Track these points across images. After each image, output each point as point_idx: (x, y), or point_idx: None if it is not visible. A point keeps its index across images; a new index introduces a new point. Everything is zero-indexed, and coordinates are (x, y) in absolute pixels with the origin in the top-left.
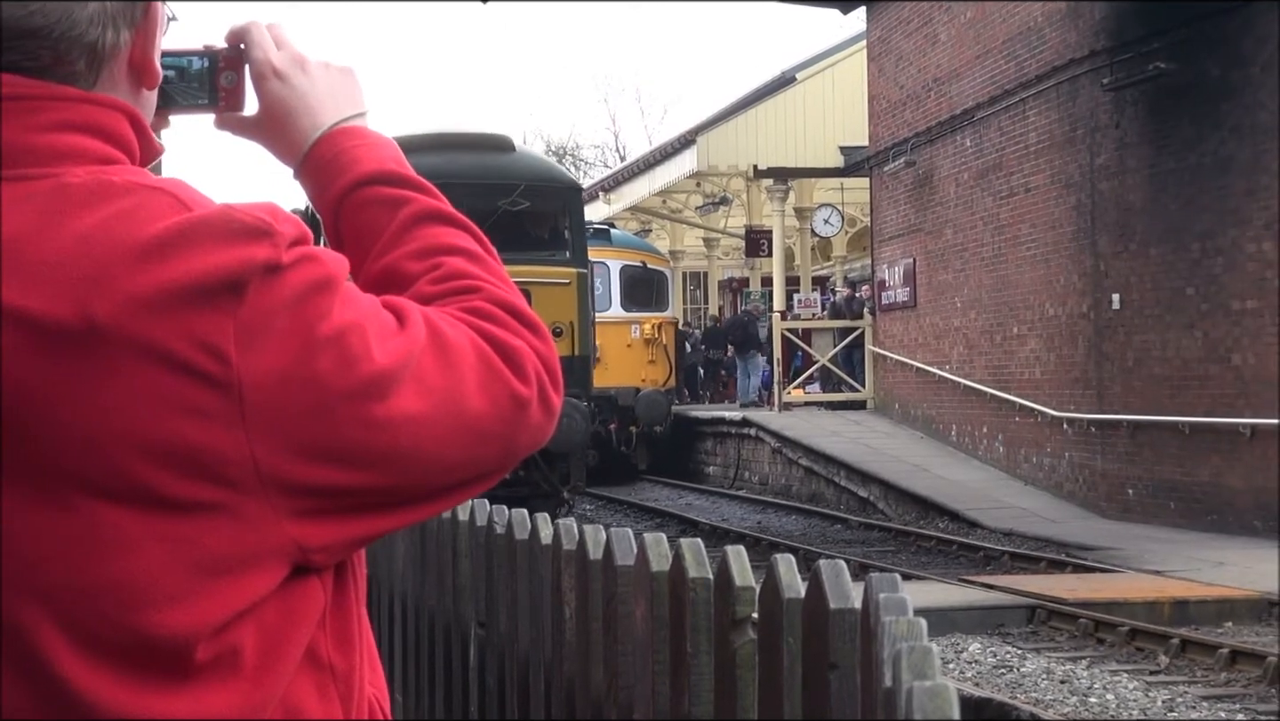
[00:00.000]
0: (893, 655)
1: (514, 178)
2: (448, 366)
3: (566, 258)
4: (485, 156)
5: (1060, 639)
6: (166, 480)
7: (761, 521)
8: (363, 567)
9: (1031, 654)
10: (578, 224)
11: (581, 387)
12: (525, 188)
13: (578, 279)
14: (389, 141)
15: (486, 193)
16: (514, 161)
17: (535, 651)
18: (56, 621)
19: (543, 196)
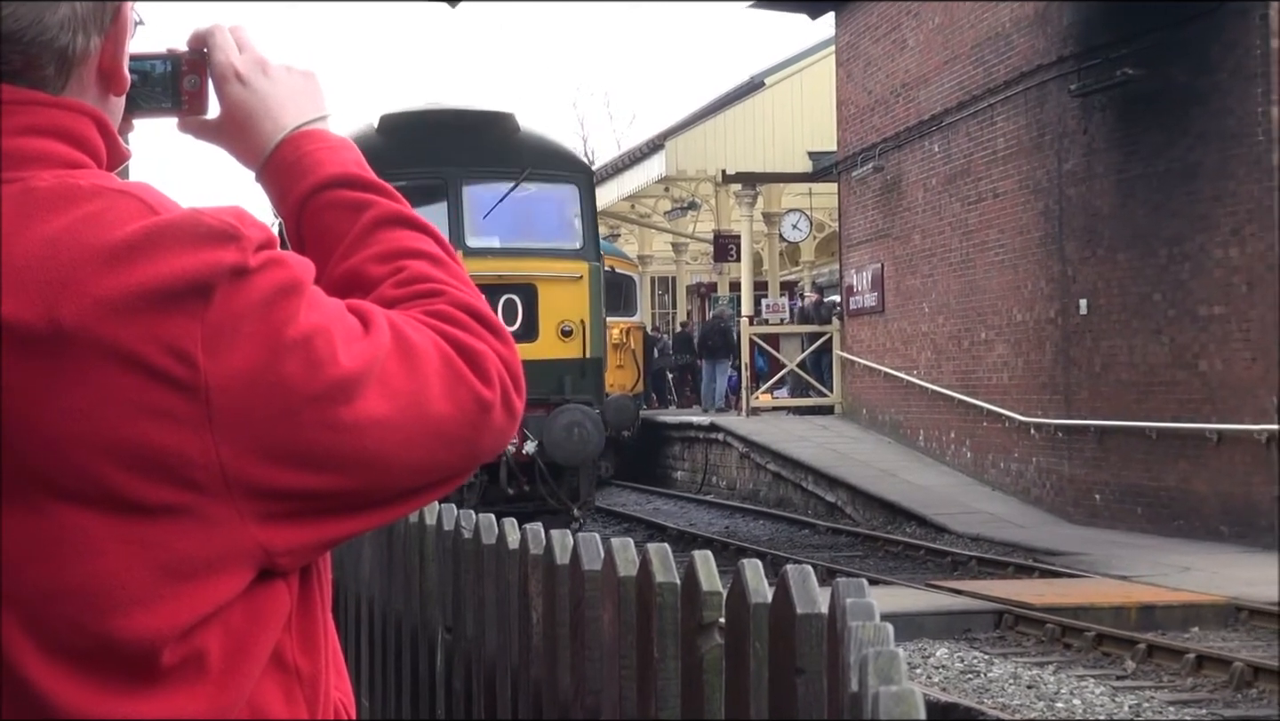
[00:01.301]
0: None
1: (518, 160)
2: (412, 370)
3: (577, 250)
4: (486, 136)
5: (1027, 644)
6: (133, 483)
7: (729, 526)
8: (328, 571)
9: (999, 659)
10: (589, 212)
11: (594, 394)
12: (530, 171)
13: (590, 273)
14: (350, 144)
15: (487, 177)
16: (518, 142)
17: (502, 656)
18: (22, 624)
19: (550, 181)
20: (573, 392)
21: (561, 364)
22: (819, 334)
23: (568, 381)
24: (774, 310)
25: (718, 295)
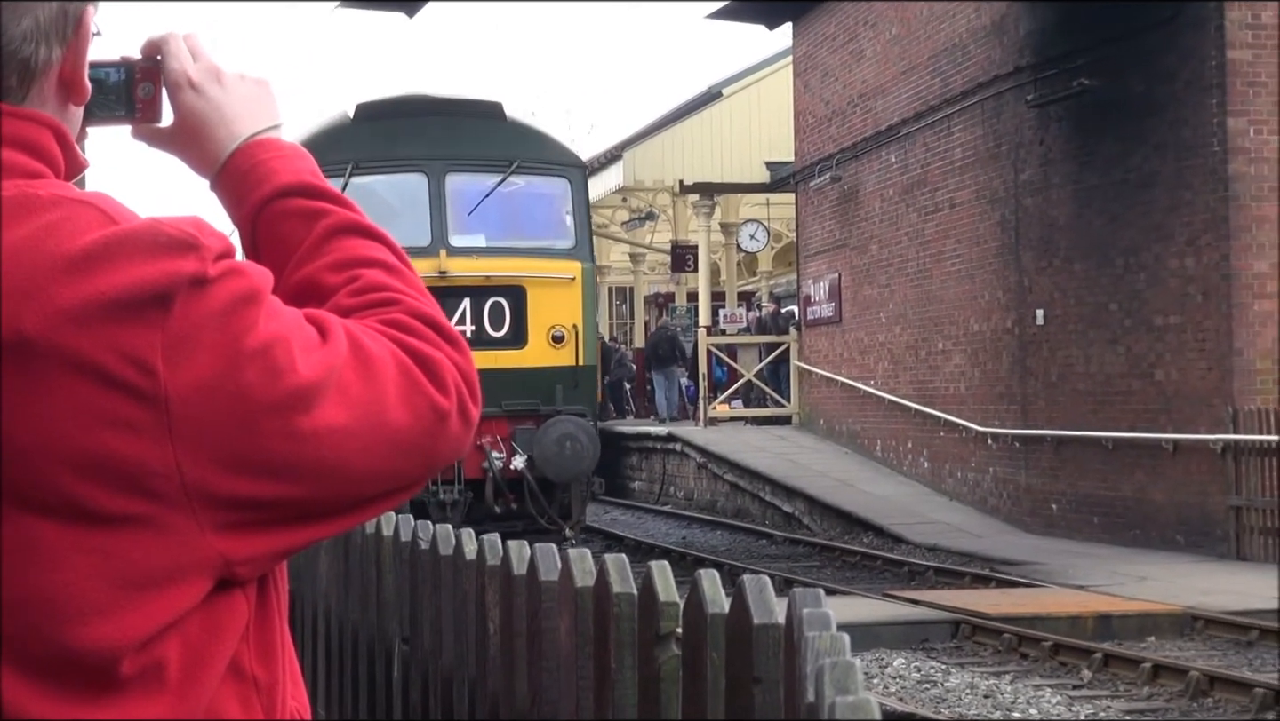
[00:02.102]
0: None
1: (505, 151)
2: (369, 379)
3: (569, 249)
4: (471, 126)
5: (984, 653)
6: (93, 493)
7: (686, 536)
8: (284, 581)
9: (955, 668)
10: (582, 208)
11: (587, 405)
12: (519, 163)
13: (584, 274)
14: (305, 153)
15: (473, 169)
16: (506, 132)
17: (459, 666)
18: None
19: (540, 174)
20: (565, 403)
21: (552, 372)
22: (776, 344)
23: (559, 391)
24: (731, 320)
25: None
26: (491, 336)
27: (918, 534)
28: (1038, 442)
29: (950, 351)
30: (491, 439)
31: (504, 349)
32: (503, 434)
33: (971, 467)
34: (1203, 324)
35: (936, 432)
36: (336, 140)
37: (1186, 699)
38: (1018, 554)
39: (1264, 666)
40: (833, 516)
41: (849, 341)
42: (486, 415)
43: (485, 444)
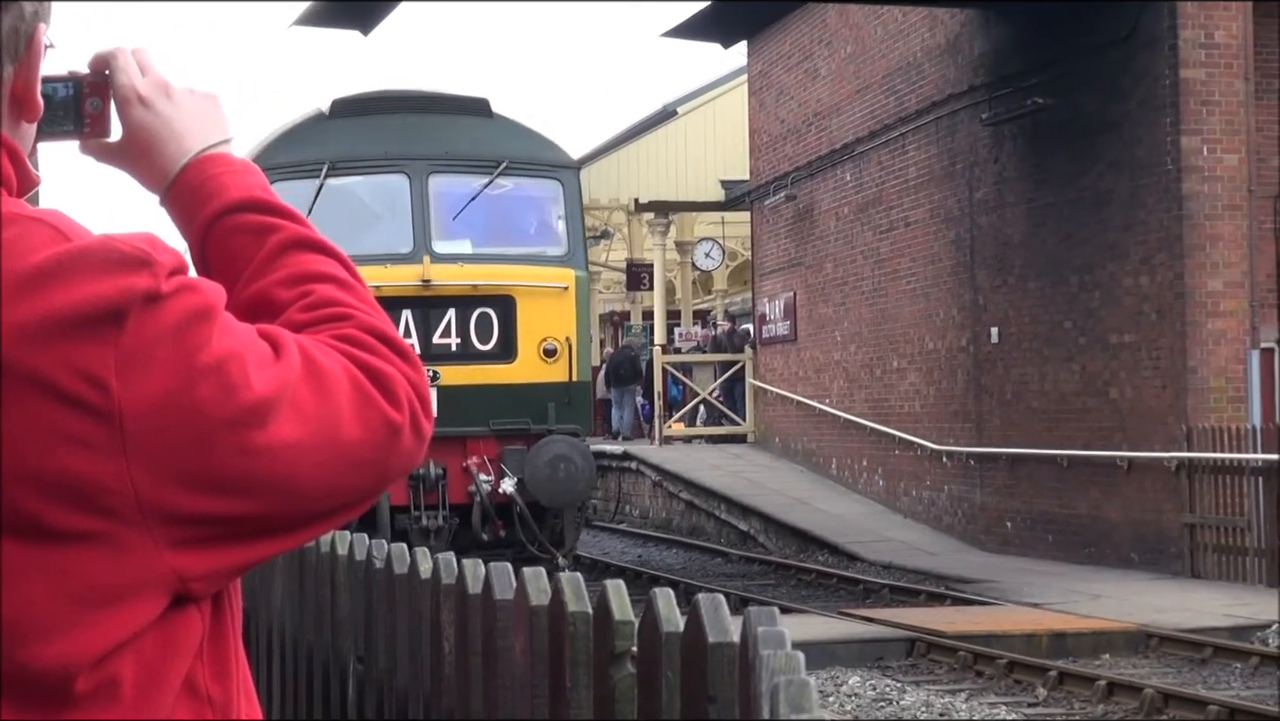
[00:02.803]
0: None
1: (493, 151)
2: (323, 394)
3: (561, 256)
4: (455, 124)
5: (939, 671)
6: (48, 510)
7: (642, 555)
8: (238, 597)
9: (911, 686)
10: (574, 213)
11: (581, 424)
12: (508, 164)
13: (577, 284)
14: (255, 168)
15: (458, 170)
16: (492, 131)
17: (414, 686)
18: None
19: (531, 176)
20: (557, 422)
21: (544, 388)
22: (732, 362)
23: (552, 409)
24: (687, 339)
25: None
26: (478, 350)
27: (873, 552)
28: (992, 461)
29: (905, 370)
30: (479, 460)
31: (492, 363)
32: (491, 455)
33: (926, 486)
34: (1157, 342)
35: (891, 451)
36: (310, 138)
37: (1141, 716)
38: (973, 572)
39: (1218, 684)
40: (788, 535)
41: (804, 360)
42: (474, 435)
43: (472, 466)
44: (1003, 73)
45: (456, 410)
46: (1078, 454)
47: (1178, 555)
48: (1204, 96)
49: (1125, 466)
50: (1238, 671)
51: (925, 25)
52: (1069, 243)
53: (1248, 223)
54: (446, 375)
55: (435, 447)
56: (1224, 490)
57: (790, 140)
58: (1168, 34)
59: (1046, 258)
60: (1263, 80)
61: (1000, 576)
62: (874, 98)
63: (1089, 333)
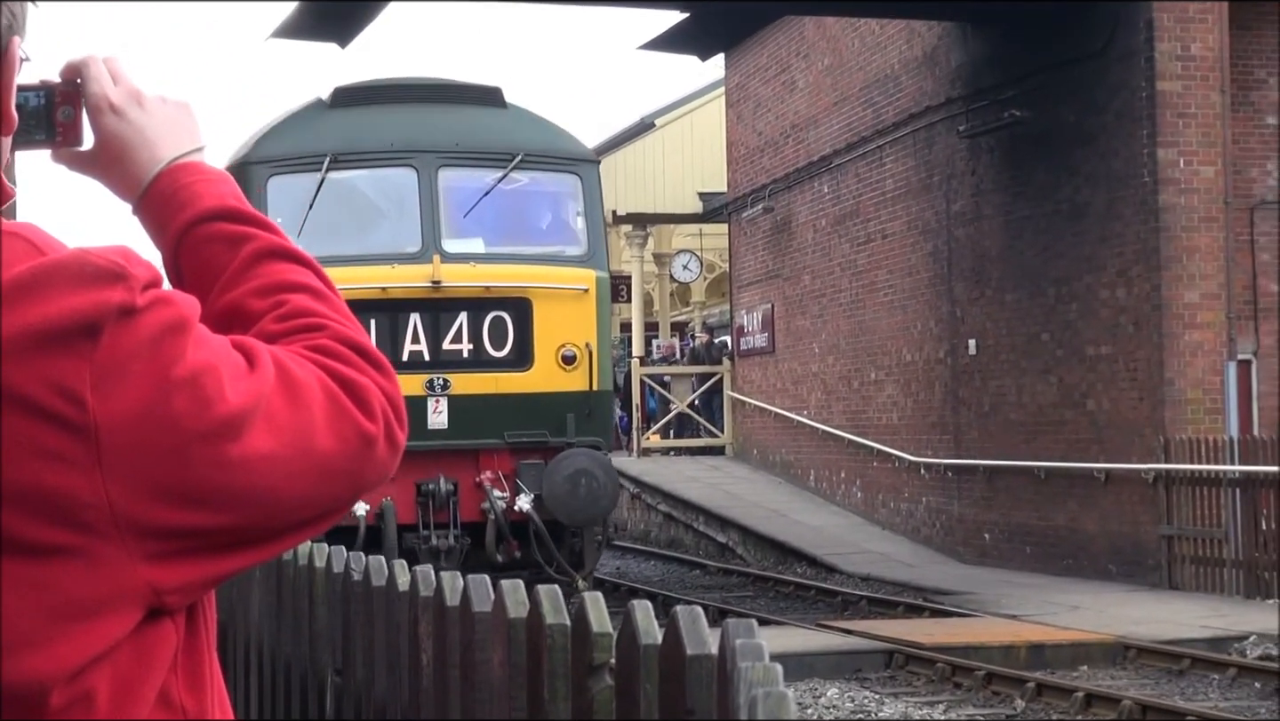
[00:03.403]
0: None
1: (507, 143)
2: (297, 405)
3: (580, 256)
4: (466, 114)
5: (918, 683)
6: (23, 524)
7: (620, 567)
8: (213, 609)
9: (889, 698)
10: (594, 209)
11: (602, 436)
12: (523, 158)
13: (597, 285)
14: (228, 177)
15: (469, 163)
16: (506, 122)
17: (392, 698)
18: None
19: (547, 169)
20: (577, 434)
21: (563, 398)
22: (710, 374)
23: (571, 420)
24: (665, 351)
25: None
26: (492, 356)
27: (851, 564)
28: (970, 472)
29: (883, 381)
30: (493, 475)
31: (506, 371)
32: (506, 470)
33: (904, 497)
34: (1134, 354)
35: (869, 462)
36: (310, 129)
37: None
38: (951, 583)
39: (1196, 695)
40: (766, 546)
41: (782, 372)
42: (487, 448)
43: (485, 481)
44: (980, 85)
45: (468, 421)
46: (1055, 465)
47: (1155, 566)
48: (1180, 109)
49: (1103, 478)
50: (1215, 682)
51: (903, 38)
52: (1046, 255)
53: (1224, 235)
54: (458, 384)
55: (446, 462)
56: (1201, 502)
57: (768, 152)
58: (1144, 46)
59: (1024, 270)
60: (1239, 92)
61: (978, 588)
62: (851, 110)
63: (1066, 344)
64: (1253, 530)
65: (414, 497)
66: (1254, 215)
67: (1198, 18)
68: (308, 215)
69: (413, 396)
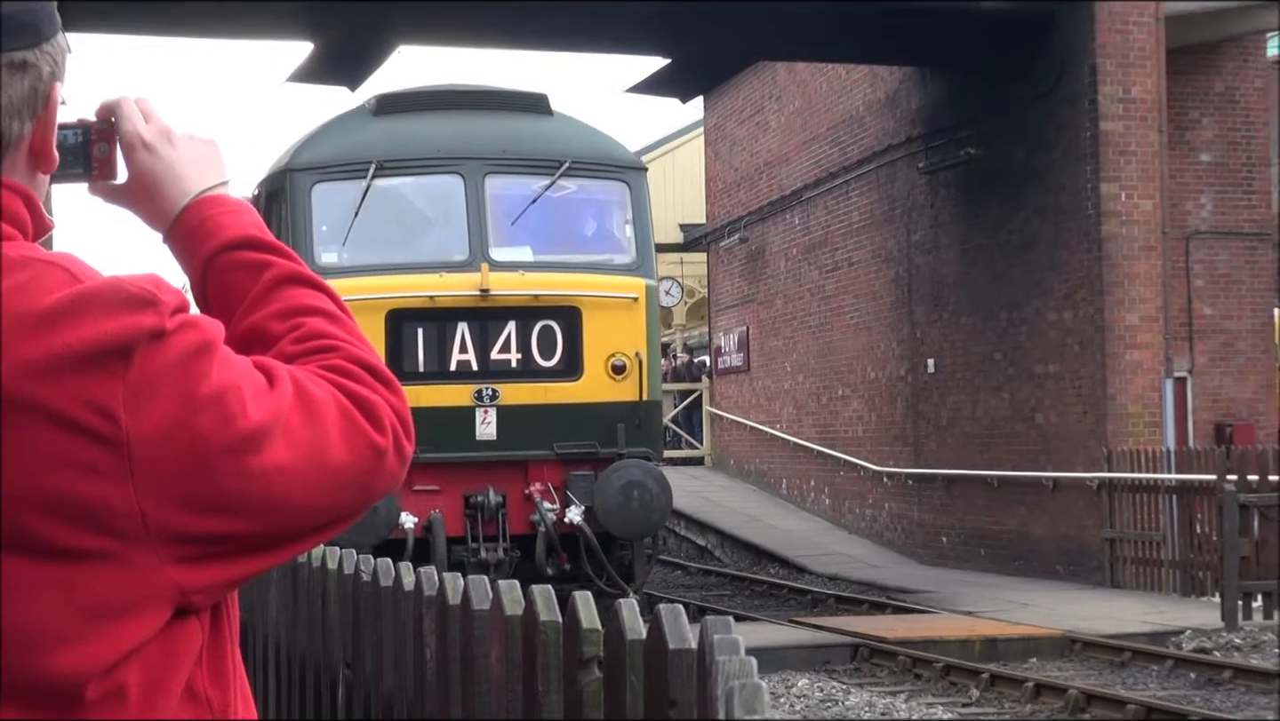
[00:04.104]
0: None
1: (554, 151)
2: (313, 421)
3: (629, 264)
4: (512, 121)
5: (881, 674)
6: (60, 531)
7: None
8: (235, 607)
9: (855, 688)
10: (642, 218)
11: (652, 445)
12: (571, 165)
13: (647, 294)
14: (250, 208)
15: (516, 170)
16: (553, 130)
17: (398, 691)
18: None
19: (594, 177)
20: (628, 444)
21: (613, 408)
22: (690, 391)
23: (621, 431)
24: None
25: None
26: (541, 366)
27: (820, 565)
28: (929, 481)
29: (849, 397)
30: (542, 487)
31: (556, 381)
32: (555, 481)
33: (869, 504)
34: (1079, 372)
35: (837, 472)
36: (355, 136)
37: (1066, 715)
38: (912, 583)
39: (1136, 685)
40: (742, 549)
41: (757, 388)
42: (536, 459)
43: (535, 493)
44: (938, 125)
45: (517, 432)
46: (1007, 474)
47: (1099, 567)
48: (1122, 147)
49: (1050, 486)
50: (1154, 673)
51: (867, 82)
52: (998, 281)
53: (1161, 262)
54: (506, 394)
55: (495, 473)
56: (1141, 507)
57: (743, 187)
58: (1088, 90)
59: (978, 295)
60: (1175, 132)
61: (937, 587)
62: (820, 148)
63: (1017, 363)
64: (1188, 534)
65: (462, 510)
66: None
67: (1137, 63)
68: (353, 223)
69: (460, 407)
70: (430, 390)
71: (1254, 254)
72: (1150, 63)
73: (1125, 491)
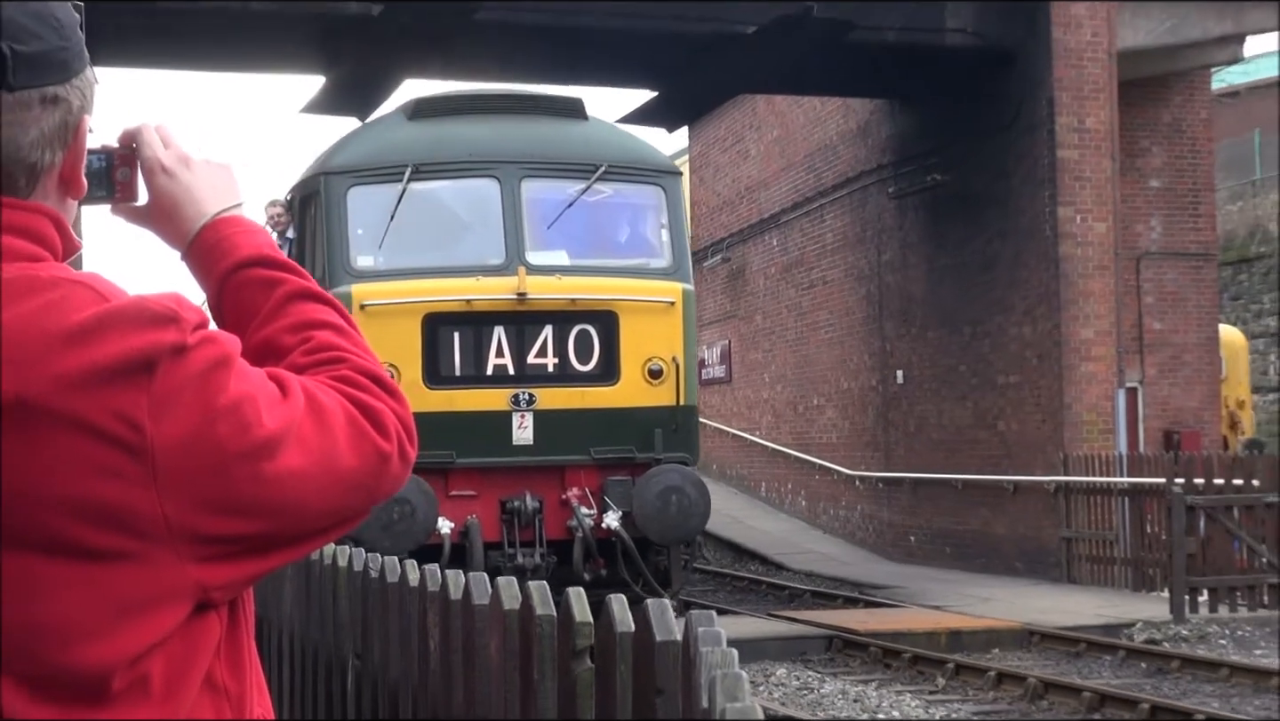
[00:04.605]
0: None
1: (589, 155)
2: (323, 428)
3: (666, 268)
4: (547, 125)
5: (854, 664)
6: (88, 533)
7: None
8: (251, 603)
9: (829, 677)
10: (678, 223)
11: (689, 450)
12: (607, 169)
13: (684, 299)
14: (262, 229)
15: (552, 174)
16: (588, 134)
17: (404, 679)
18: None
19: (630, 181)
20: (665, 449)
21: (649, 413)
22: None
23: (658, 436)
24: None
25: None
26: (578, 371)
27: (797, 562)
28: (898, 484)
29: (824, 406)
30: (579, 492)
31: (592, 385)
32: (592, 486)
33: (842, 505)
34: (1038, 383)
35: (812, 476)
36: (391, 140)
37: (1026, 702)
38: (882, 579)
39: (1091, 674)
40: (724, 547)
41: (738, 398)
42: (573, 464)
43: (572, 498)
44: (906, 154)
45: (554, 437)
46: (971, 478)
47: (1056, 564)
48: (1077, 173)
49: (1011, 489)
50: (1107, 663)
51: (840, 113)
52: (963, 298)
53: (1114, 281)
54: (543, 398)
55: (531, 478)
56: (1095, 509)
57: (726, 211)
58: (1046, 120)
59: (943, 311)
60: (1126, 159)
61: (905, 583)
62: (796, 174)
63: (980, 374)
64: (1139, 533)
65: (499, 515)
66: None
67: (1092, 96)
68: (389, 226)
69: (497, 411)
70: (467, 395)
71: (1199, 273)
72: (1103, 96)
73: (1081, 494)
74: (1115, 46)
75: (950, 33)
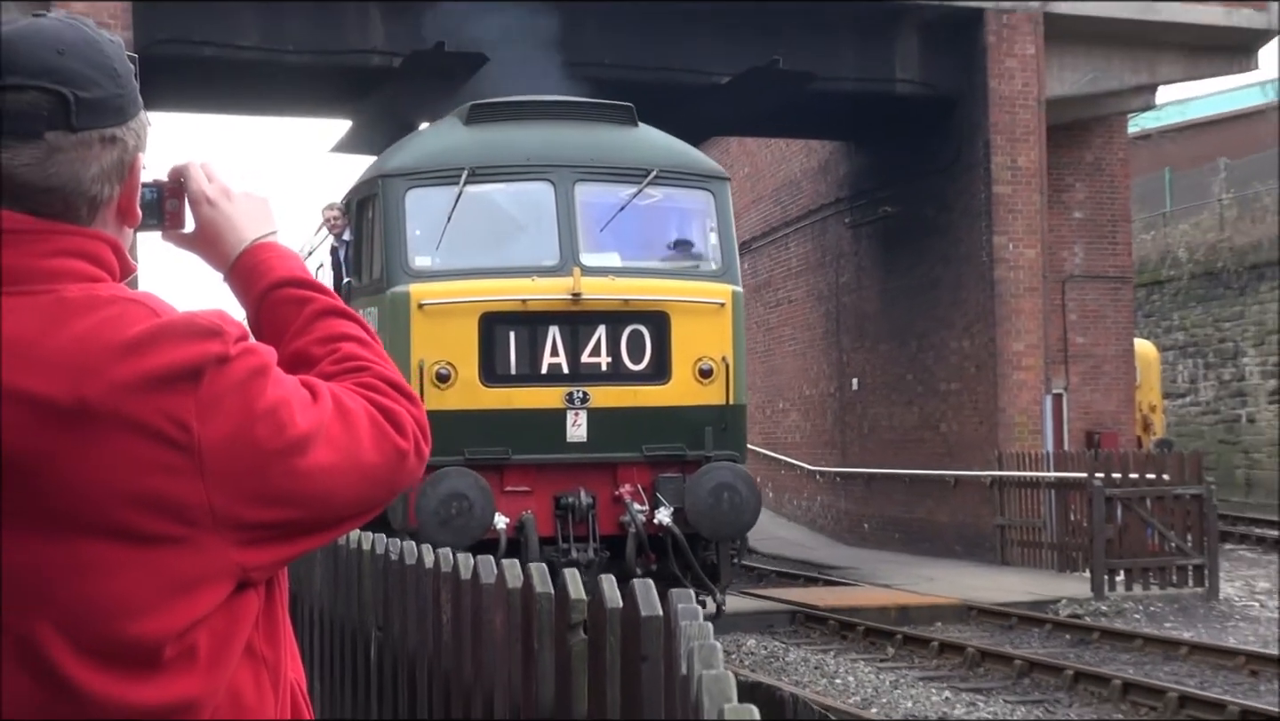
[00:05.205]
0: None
1: (641, 160)
2: (349, 429)
3: (715, 270)
4: (599, 131)
5: (814, 635)
6: (144, 521)
7: None
8: (285, 579)
9: (793, 647)
10: (726, 226)
11: (738, 448)
12: (658, 174)
13: (733, 300)
14: (294, 254)
15: (604, 178)
16: (639, 139)
17: (420, 649)
18: (58, 629)
19: (680, 185)
20: (715, 447)
21: (700, 411)
22: None
23: (708, 434)
24: None
25: None
26: (630, 370)
27: (764, 546)
28: (853, 478)
29: (788, 410)
30: (631, 489)
31: (644, 384)
32: (644, 483)
33: (804, 497)
34: (976, 389)
35: (779, 470)
36: (448, 144)
37: (964, 668)
38: (839, 561)
39: (1022, 644)
40: None
41: None
42: (625, 461)
43: (625, 495)
44: (861, 188)
45: (607, 434)
46: (917, 473)
47: (991, 548)
48: (1010, 206)
49: (952, 482)
50: (1036, 634)
51: (803, 153)
52: (910, 315)
53: (1042, 300)
54: (596, 396)
55: (584, 475)
56: (1025, 499)
57: None
58: (983, 160)
59: (893, 326)
60: (1053, 194)
61: (859, 564)
62: (765, 207)
63: (925, 382)
64: (1064, 521)
65: (553, 511)
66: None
67: (1023, 138)
68: (446, 227)
69: (551, 409)
70: (522, 393)
71: (1117, 293)
72: (1033, 138)
73: (1013, 486)
74: (1044, 95)
75: (900, 82)
